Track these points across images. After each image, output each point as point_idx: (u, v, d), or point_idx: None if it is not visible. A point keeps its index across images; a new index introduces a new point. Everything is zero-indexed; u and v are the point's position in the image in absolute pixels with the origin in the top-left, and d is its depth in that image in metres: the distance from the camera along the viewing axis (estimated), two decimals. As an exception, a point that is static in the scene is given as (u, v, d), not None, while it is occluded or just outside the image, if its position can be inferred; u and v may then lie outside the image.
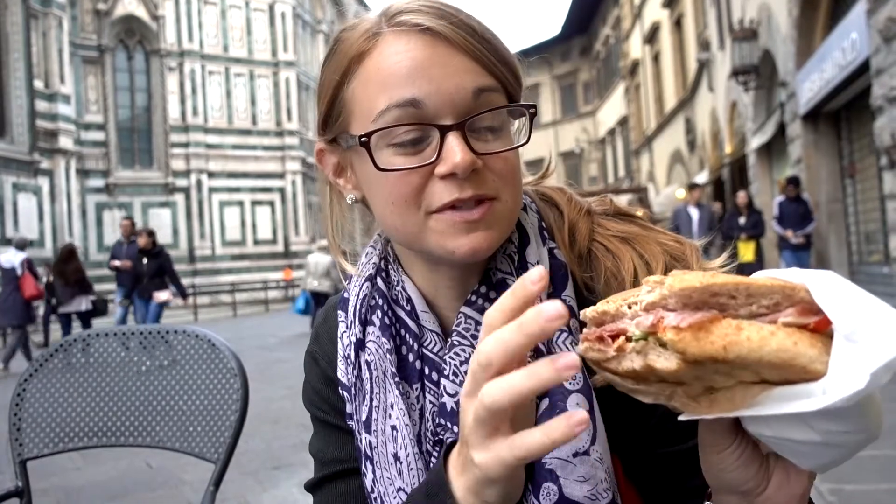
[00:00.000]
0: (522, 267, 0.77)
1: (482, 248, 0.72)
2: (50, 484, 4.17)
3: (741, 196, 10.92)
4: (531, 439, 0.49)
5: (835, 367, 0.45)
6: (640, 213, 0.88)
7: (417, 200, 0.72)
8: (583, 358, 0.55)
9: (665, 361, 0.49)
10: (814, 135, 11.26)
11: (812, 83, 10.52)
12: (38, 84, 21.27)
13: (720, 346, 0.46)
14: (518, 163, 0.76)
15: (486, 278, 0.78)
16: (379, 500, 0.80)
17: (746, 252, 10.09)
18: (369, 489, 0.81)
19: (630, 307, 0.53)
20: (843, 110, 10.83)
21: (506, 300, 0.51)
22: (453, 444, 0.61)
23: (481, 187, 0.71)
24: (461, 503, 0.56)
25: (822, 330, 0.47)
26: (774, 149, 14.07)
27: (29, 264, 10.01)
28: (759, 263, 9.99)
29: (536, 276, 0.50)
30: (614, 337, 0.53)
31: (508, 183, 0.73)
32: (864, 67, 8.61)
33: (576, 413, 0.48)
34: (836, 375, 0.45)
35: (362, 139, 0.71)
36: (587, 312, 0.57)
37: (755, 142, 14.45)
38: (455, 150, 0.69)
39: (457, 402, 0.74)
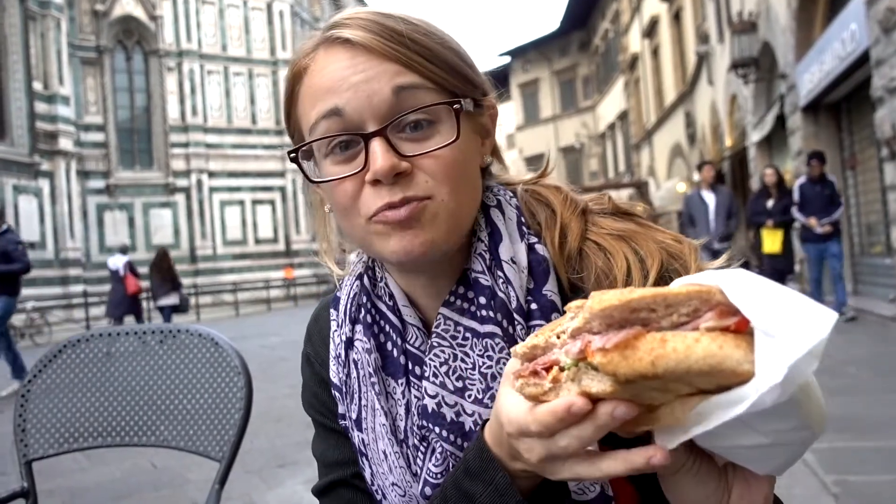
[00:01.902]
0: (497, 265, 0.77)
1: (415, 249, 0.72)
2: (55, 485, 4.18)
3: (769, 173, 8.97)
4: (612, 466, 0.54)
5: (760, 365, 0.45)
6: (639, 207, 0.87)
7: (356, 207, 0.74)
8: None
9: (599, 384, 0.49)
10: (814, 127, 11.23)
11: (812, 75, 10.50)
12: (38, 86, 21.26)
13: (648, 362, 0.46)
14: (462, 159, 0.75)
15: (463, 278, 0.79)
16: (380, 492, 0.82)
17: (773, 242, 8.65)
18: (370, 482, 0.83)
19: (559, 337, 0.53)
20: (844, 102, 10.81)
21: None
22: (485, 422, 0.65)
23: (410, 189, 0.72)
24: (516, 474, 0.62)
25: (743, 329, 0.46)
26: (775, 141, 14.04)
27: (130, 266, 12.03)
28: (787, 256, 8.85)
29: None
30: (548, 369, 0.53)
31: (444, 181, 0.73)
32: (863, 58, 8.59)
33: (658, 451, 0.52)
34: (764, 374, 0.45)
35: (291, 156, 0.76)
36: (517, 349, 0.57)
37: (755, 134, 14.43)
38: (377, 157, 0.70)
39: (437, 404, 0.75)
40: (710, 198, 8.88)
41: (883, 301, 8.51)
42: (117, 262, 12.20)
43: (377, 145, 0.71)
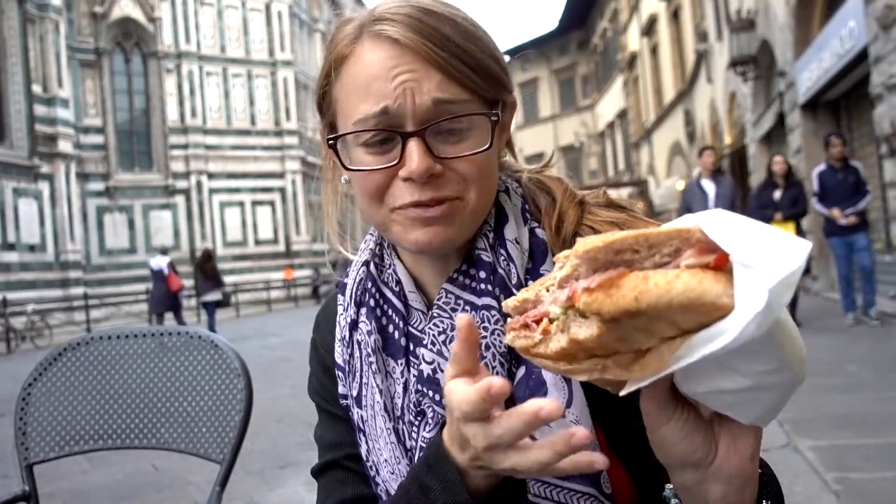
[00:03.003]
0: (500, 243, 0.81)
1: (437, 241, 0.77)
2: (57, 487, 4.18)
3: (778, 162, 8.11)
4: (541, 455, 0.57)
5: (739, 296, 0.46)
6: (639, 205, 0.89)
7: (382, 197, 0.78)
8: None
9: (587, 329, 0.50)
10: (813, 124, 11.23)
11: (811, 72, 10.50)
12: (37, 88, 21.25)
13: (632, 298, 0.47)
14: (489, 162, 0.78)
15: (468, 257, 0.82)
16: (374, 468, 0.86)
17: None
18: (365, 459, 0.88)
19: (548, 290, 0.55)
20: (843, 99, 10.82)
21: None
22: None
23: (442, 190, 0.75)
24: (466, 472, 0.64)
25: (722, 266, 0.47)
26: (774, 138, 14.05)
27: (171, 265, 13.14)
28: None
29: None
30: (538, 322, 0.54)
31: (473, 183, 0.76)
32: (862, 55, 8.60)
33: (577, 431, 0.55)
34: (743, 304, 0.46)
35: (329, 142, 0.80)
36: (508, 303, 0.59)
37: (755, 132, 14.44)
38: (413, 157, 0.73)
39: (432, 370, 0.79)
40: (710, 187, 8.03)
41: (884, 298, 8.50)
42: (160, 262, 13.26)
43: (414, 146, 0.73)
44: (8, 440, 1.83)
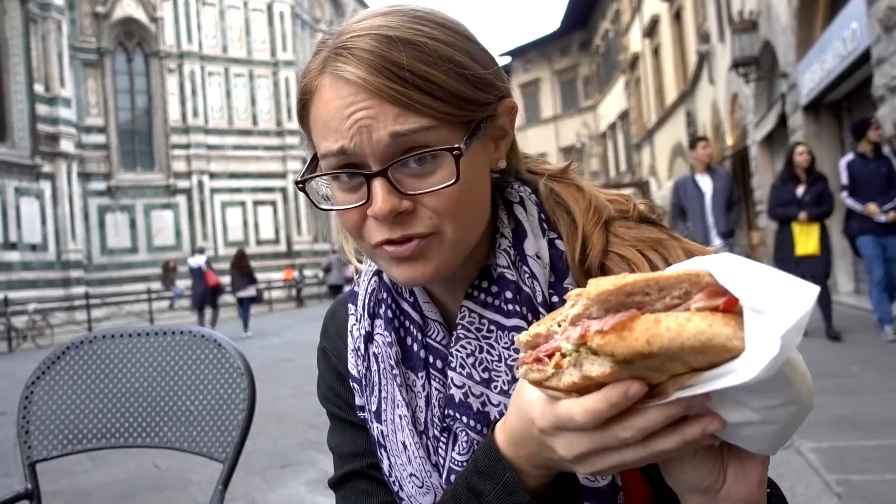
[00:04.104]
0: (522, 260, 0.79)
1: (418, 279, 0.75)
2: (59, 486, 4.19)
3: (801, 152, 6.93)
4: (665, 443, 0.55)
5: (750, 339, 0.48)
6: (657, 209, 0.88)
7: (361, 233, 0.76)
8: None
9: (599, 367, 0.50)
10: (815, 125, 11.23)
11: (813, 74, 10.50)
12: (39, 88, 21.28)
13: (644, 341, 0.48)
14: (465, 190, 0.73)
15: (485, 273, 0.80)
16: (397, 483, 0.84)
17: (807, 241, 6.74)
18: (387, 474, 0.86)
19: (559, 325, 0.55)
20: (845, 100, 10.80)
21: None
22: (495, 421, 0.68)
23: (412, 227, 0.72)
24: (526, 473, 0.64)
25: (731, 308, 0.49)
26: (776, 140, 14.04)
27: (208, 263, 14.56)
28: (825, 256, 6.83)
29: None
30: (550, 356, 0.55)
31: (447, 217, 0.72)
32: (864, 57, 8.59)
33: (714, 419, 0.53)
34: (753, 347, 0.47)
35: (298, 185, 0.78)
36: (520, 338, 0.59)
37: (757, 134, 14.42)
38: (377, 198, 0.71)
39: (464, 394, 0.77)
40: (706, 183, 6.92)
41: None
42: (198, 260, 14.62)
43: (378, 185, 0.71)
44: (10, 439, 1.83)
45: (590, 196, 0.83)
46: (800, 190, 6.82)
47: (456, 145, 0.71)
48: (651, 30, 24.69)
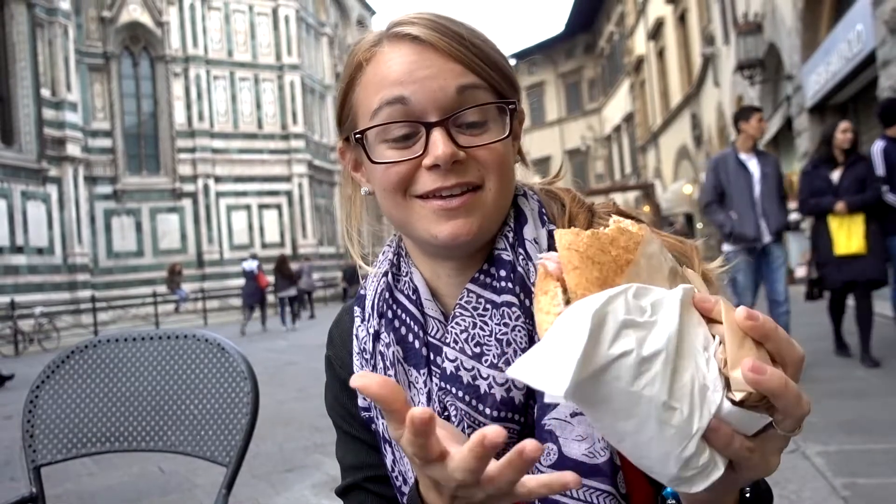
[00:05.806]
0: (520, 243, 0.83)
1: (462, 233, 0.79)
2: (64, 490, 4.20)
3: (844, 129, 5.48)
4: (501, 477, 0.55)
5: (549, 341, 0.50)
6: (646, 209, 0.89)
7: (406, 188, 0.80)
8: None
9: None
10: (821, 127, 11.14)
11: (818, 76, 10.47)
12: (45, 92, 21.37)
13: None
14: (506, 153, 0.81)
15: (490, 258, 0.84)
16: (400, 478, 0.86)
17: (849, 237, 5.31)
18: (391, 469, 0.88)
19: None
20: (850, 102, 10.78)
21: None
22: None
23: (464, 176, 0.78)
24: None
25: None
26: (781, 142, 14.01)
27: (260, 267, 16.43)
28: (877, 256, 5.34)
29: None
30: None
31: (493, 172, 0.79)
32: (870, 59, 8.57)
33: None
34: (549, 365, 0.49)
35: (356, 136, 0.82)
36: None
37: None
38: (438, 144, 0.76)
39: (455, 367, 0.80)
40: (753, 165, 5.49)
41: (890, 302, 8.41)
42: (251, 264, 16.50)
43: (438, 134, 0.77)
44: (15, 442, 1.84)
45: (574, 192, 0.93)
46: (835, 175, 5.45)
47: (511, 101, 0.81)
48: (656, 32, 24.67)
